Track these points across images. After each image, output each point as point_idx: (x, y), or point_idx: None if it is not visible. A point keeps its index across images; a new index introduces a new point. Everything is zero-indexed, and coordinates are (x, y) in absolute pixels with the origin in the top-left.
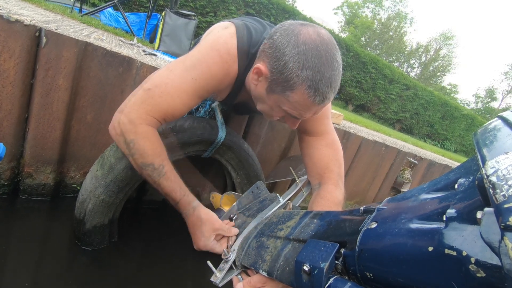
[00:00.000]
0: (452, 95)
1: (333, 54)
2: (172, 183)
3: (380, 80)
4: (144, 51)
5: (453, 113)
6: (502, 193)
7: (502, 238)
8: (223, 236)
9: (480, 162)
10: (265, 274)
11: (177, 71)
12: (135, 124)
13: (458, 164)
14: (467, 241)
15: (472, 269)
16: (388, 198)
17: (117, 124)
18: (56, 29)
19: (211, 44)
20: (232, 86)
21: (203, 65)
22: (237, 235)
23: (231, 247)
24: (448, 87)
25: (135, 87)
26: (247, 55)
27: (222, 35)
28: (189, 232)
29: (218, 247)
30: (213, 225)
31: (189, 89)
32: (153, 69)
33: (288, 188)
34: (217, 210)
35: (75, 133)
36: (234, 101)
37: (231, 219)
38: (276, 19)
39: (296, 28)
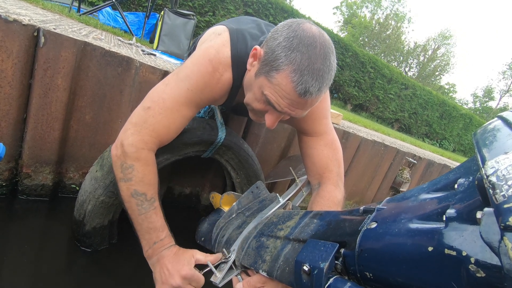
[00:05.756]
0: (450, 94)
1: (328, 52)
2: (161, 219)
3: (378, 80)
4: (143, 50)
5: (451, 113)
6: (502, 193)
7: (502, 238)
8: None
9: (480, 162)
10: (265, 274)
11: (172, 84)
12: (137, 148)
13: (456, 163)
14: (467, 241)
15: (472, 269)
16: (387, 198)
17: (120, 145)
18: (54, 28)
19: (203, 53)
20: (228, 93)
21: (197, 75)
22: (235, 236)
23: (231, 248)
24: (446, 86)
25: (134, 87)
26: (243, 61)
27: (214, 44)
28: (159, 278)
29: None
30: (189, 269)
31: (186, 100)
32: (152, 69)
33: (288, 188)
34: (217, 210)
35: (74, 133)
36: (232, 103)
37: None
38: (275, 18)
39: (300, 21)
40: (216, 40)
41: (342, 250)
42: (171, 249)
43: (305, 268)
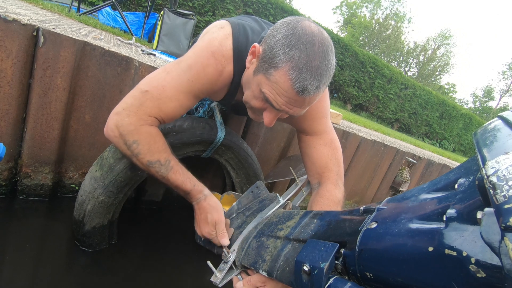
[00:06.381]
0: (450, 94)
1: (326, 51)
2: (181, 176)
3: (378, 80)
4: (142, 50)
5: (451, 113)
6: (502, 194)
7: (502, 239)
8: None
9: (480, 162)
10: (265, 274)
11: (174, 73)
12: (136, 125)
13: (456, 163)
14: (467, 241)
15: (472, 270)
16: (388, 198)
17: (115, 127)
18: (54, 28)
19: (206, 45)
20: (228, 86)
21: (198, 66)
22: (236, 236)
23: (231, 248)
24: (446, 86)
25: (134, 86)
26: (243, 55)
27: (217, 36)
28: (196, 219)
29: (216, 240)
30: (218, 215)
31: (186, 90)
32: (152, 68)
33: (288, 188)
34: None
35: (73, 133)
36: (232, 100)
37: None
38: (274, 18)
39: (299, 19)
40: (219, 32)
41: (342, 250)
42: (200, 204)
43: (305, 268)
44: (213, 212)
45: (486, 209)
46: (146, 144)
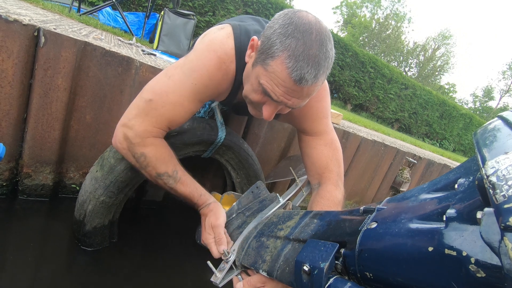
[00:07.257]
0: (450, 94)
1: (324, 39)
2: (188, 187)
3: (378, 80)
4: (143, 50)
5: (451, 113)
6: (502, 193)
7: (502, 238)
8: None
9: (480, 162)
10: (265, 274)
11: (176, 77)
12: (142, 137)
13: (456, 163)
14: (467, 241)
15: (472, 269)
16: (388, 198)
17: (123, 139)
18: (54, 28)
19: (207, 46)
20: (231, 86)
21: (201, 68)
22: (236, 236)
23: (231, 248)
24: (446, 86)
25: (135, 87)
26: (244, 54)
27: (218, 35)
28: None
29: (213, 247)
30: (215, 218)
31: (190, 94)
32: (152, 68)
33: (288, 188)
34: None
35: (74, 133)
36: (233, 100)
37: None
38: None
39: (297, 10)
40: (220, 32)
41: (342, 250)
42: (204, 212)
43: (305, 268)
44: (211, 216)
45: (486, 209)
46: (153, 157)
